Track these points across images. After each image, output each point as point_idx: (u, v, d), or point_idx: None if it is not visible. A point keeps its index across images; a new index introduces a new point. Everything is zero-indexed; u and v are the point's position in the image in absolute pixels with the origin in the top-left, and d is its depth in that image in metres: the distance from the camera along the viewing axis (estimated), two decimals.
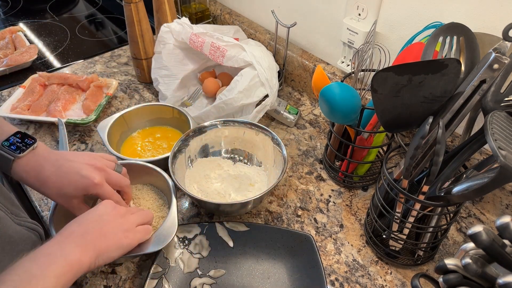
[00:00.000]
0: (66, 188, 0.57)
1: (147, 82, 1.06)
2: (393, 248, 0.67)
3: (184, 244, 0.68)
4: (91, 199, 0.71)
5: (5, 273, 0.43)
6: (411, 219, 0.61)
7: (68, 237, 0.50)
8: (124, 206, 0.61)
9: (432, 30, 0.66)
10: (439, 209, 0.62)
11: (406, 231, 0.64)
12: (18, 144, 0.57)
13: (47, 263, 0.46)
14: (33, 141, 0.58)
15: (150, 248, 0.60)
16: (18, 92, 0.99)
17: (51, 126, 0.93)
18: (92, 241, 0.50)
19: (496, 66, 0.48)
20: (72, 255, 0.47)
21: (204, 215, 0.75)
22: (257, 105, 0.85)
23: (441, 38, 0.56)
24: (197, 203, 0.76)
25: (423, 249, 0.66)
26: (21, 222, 0.61)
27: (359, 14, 0.82)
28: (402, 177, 0.58)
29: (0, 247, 0.54)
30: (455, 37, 0.56)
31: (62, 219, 0.63)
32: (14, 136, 0.58)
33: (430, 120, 0.52)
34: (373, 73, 0.57)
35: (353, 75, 0.73)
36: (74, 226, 0.52)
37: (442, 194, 0.55)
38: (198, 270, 0.66)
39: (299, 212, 0.76)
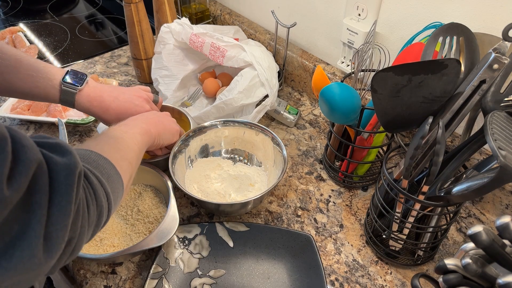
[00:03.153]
0: (124, 115, 0.68)
1: (147, 82, 1.06)
2: (393, 248, 0.67)
3: (184, 244, 0.68)
4: None
5: (102, 134, 0.57)
6: (411, 219, 0.61)
7: (135, 120, 0.64)
8: None
9: (432, 30, 0.67)
10: (439, 209, 0.62)
11: (406, 231, 0.64)
12: (75, 78, 0.67)
13: (131, 125, 0.61)
14: (85, 75, 0.68)
15: (153, 243, 0.61)
16: None
17: (51, 126, 0.93)
18: (154, 123, 0.66)
19: (496, 66, 0.48)
20: (144, 126, 0.63)
21: (204, 215, 0.75)
22: (257, 105, 0.85)
23: (441, 38, 0.56)
24: (197, 203, 0.76)
25: (423, 249, 0.66)
26: None
27: (359, 15, 0.82)
28: (402, 177, 0.58)
29: None
30: (455, 37, 0.56)
31: None
32: (69, 73, 0.67)
33: (430, 120, 0.52)
34: (373, 73, 0.57)
35: (353, 75, 0.73)
36: (136, 117, 0.66)
37: (442, 194, 0.55)
38: (198, 270, 0.66)
39: (299, 212, 0.76)
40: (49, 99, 0.67)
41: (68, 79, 0.66)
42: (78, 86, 0.66)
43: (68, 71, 0.67)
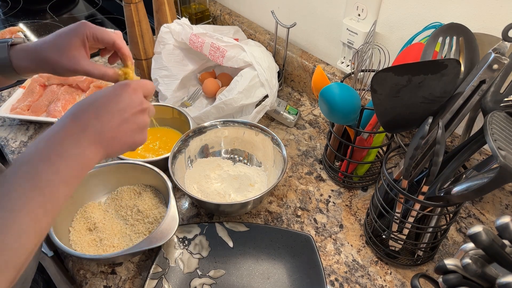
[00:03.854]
0: (62, 40, 0.54)
1: None
2: (393, 248, 0.67)
3: (184, 244, 0.68)
4: None
5: (11, 169, 0.39)
6: (411, 219, 0.61)
7: (84, 129, 0.44)
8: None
9: (431, 30, 0.67)
10: (439, 209, 0.62)
11: (405, 231, 0.64)
12: (7, 39, 0.56)
13: (58, 164, 0.41)
14: (20, 38, 0.57)
15: (153, 244, 0.60)
16: (18, 92, 0.99)
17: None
18: (106, 141, 0.46)
19: (495, 66, 0.48)
20: (85, 155, 0.43)
21: (204, 215, 0.75)
22: (257, 105, 0.85)
23: (440, 39, 0.56)
24: (197, 204, 0.76)
25: (423, 249, 0.66)
26: None
27: (359, 15, 0.82)
28: (401, 177, 0.58)
29: None
30: (454, 38, 0.56)
31: (62, 220, 0.63)
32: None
33: (430, 120, 0.52)
34: (372, 74, 0.57)
35: (352, 75, 0.73)
36: (91, 114, 0.45)
37: (442, 195, 0.55)
38: (198, 270, 0.66)
39: (299, 213, 0.76)
40: None
41: None
42: (8, 40, 0.55)
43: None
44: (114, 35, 0.58)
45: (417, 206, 0.59)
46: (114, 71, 0.57)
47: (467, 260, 0.40)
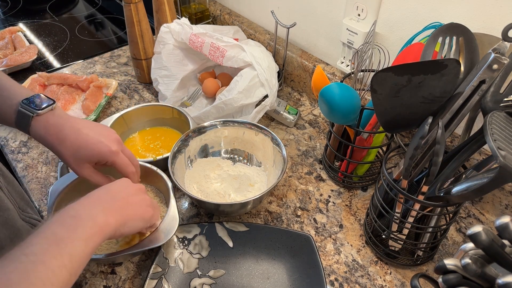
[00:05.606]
0: (83, 150, 0.57)
1: (147, 83, 1.06)
2: (393, 248, 0.67)
3: (184, 244, 0.68)
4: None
5: (32, 235, 0.42)
6: (411, 219, 0.61)
7: (96, 201, 0.50)
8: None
9: (431, 30, 0.67)
10: (439, 209, 0.62)
11: (405, 231, 0.64)
12: (37, 102, 0.57)
13: (75, 225, 0.44)
14: (52, 101, 0.58)
15: (153, 244, 0.61)
16: None
17: None
18: (119, 208, 0.51)
19: (495, 66, 0.48)
20: (100, 218, 0.47)
21: (203, 215, 0.75)
22: (257, 105, 0.85)
23: (440, 39, 0.56)
24: (196, 203, 0.76)
25: (423, 249, 0.66)
26: (26, 218, 0.62)
27: (359, 15, 0.82)
28: (401, 177, 0.58)
29: (9, 238, 0.55)
30: (454, 38, 0.56)
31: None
32: (34, 97, 0.58)
33: (430, 120, 0.52)
34: (372, 74, 0.57)
35: (352, 75, 0.73)
36: (101, 192, 0.52)
37: (442, 194, 0.55)
38: (197, 270, 0.66)
39: (299, 212, 0.76)
40: (5, 121, 0.58)
41: (28, 101, 0.57)
42: (37, 110, 0.56)
43: (37, 94, 0.58)
44: (131, 173, 0.61)
45: (417, 206, 0.59)
46: (110, 181, 0.61)
47: (467, 260, 0.40)
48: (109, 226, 0.48)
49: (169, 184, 0.69)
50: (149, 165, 0.73)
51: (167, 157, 0.72)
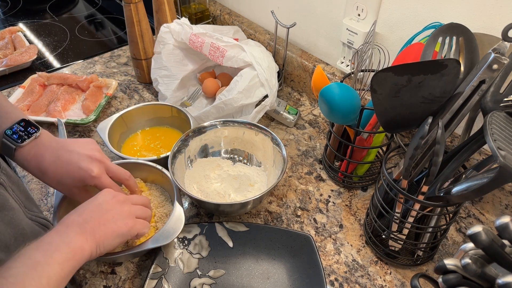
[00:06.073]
0: (65, 179, 0.57)
1: (147, 83, 1.06)
2: (393, 248, 0.67)
3: (184, 244, 0.68)
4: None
5: (10, 260, 0.44)
6: (411, 219, 0.61)
7: (69, 226, 0.50)
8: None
9: (431, 30, 0.67)
10: (439, 209, 0.62)
11: (405, 231, 0.64)
12: (21, 133, 0.57)
13: (51, 250, 0.46)
14: (35, 130, 0.58)
15: (159, 242, 0.61)
16: (18, 92, 0.99)
17: (51, 126, 0.93)
18: (92, 230, 0.51)
19: (495, 66, 0.48)
20: (74, 243, 0.48)
21: (203, 215, 0.75)
22: (257, 105, 0.85)
23: (440, 39, 0.56)
24: (196, 203, 0.76)
25: (423, 249, 0.66)
26: (33, 217, 0.62)
27: (359, 15, 0.82)
28: (401, 177, 0.58)
29: (13, 238, 0.55)
30: (454, 38, 0.56)
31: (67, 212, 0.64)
32: (18, 124, 0.58)
33: (430, 120, 0.52)
34: (372, 74, 0.57)
35: (352, 75, 0.73)
36: (74, 216, 0.52)
37: (442, 195, 0.55)
38: (197, 270, 0.66)
39: (299, 212, 0.76)
40: None
41: (11, 131, 0.57)
42: (18, 142, 0.56)
43: (21, 120, 0.58)
44: (124, 180, 0.64)
45: (417, 206, 0.59)
46: None
47: (467, 260, 0.40)
48: (83, 250, 0.49)
49: (174, 183, 0.69)
50: (153, 164, 0.73)
51: (167, 157, 0.72)
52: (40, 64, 1.16)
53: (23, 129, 0.57)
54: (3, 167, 0.61)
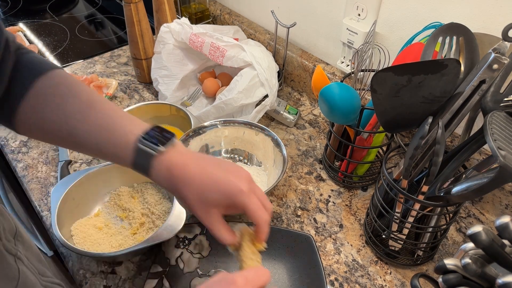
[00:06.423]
0: (208, 193, 0.47)
1: (147, 82, 1.06)
2: (393, 248, 0.67)
3: (184, 244, 0.68)
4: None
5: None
6: (411, 219, 0.61)
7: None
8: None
9: (431, 30, 0.66)
10: (439, 209, 0.62)
11: (405, 231, 0.64)
12: (159, 137, 0.48)
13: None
14: (171, 135, 0.49)
15: (160, 238, 0.61)
16: None
17: None
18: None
19: (495, 66, 0.48)
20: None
21: None
22: (257, 105, 0.85)
23: (440, 38, 0.56)
24: None
25: (423, 249, 0.66)
26: (48, 284, 0.56)
27: (359, 15, 0.82)
28: (401, 177, 0.58)
29: None
30: (454, 38, 0.56)
31: (64, 221, 0.64)
32: (153, 130, 0.49)
33: (430, 120, 0.52)
34: (372, 73, 0.57)
35: (352, 75, 0.73)
36: None
37: (442, 194, 0.55)
38: (198, 270, 0.66)
39: (299, 212, 0.76)
40: (119, 160, 0.49)
41: (148, 136, 0.48)
42: (158, 147, 0.47)
43: (155, 126, 0.50)
44: (263, 223, 0.49)
45: (417, 206, 0.59)
46: (234, 239, 0.51)
47: (467, 260, 0.40)
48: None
49: None
50: None
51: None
52: None
53: (158, 133, 0.49)
54: (18, 232, 0.54)
